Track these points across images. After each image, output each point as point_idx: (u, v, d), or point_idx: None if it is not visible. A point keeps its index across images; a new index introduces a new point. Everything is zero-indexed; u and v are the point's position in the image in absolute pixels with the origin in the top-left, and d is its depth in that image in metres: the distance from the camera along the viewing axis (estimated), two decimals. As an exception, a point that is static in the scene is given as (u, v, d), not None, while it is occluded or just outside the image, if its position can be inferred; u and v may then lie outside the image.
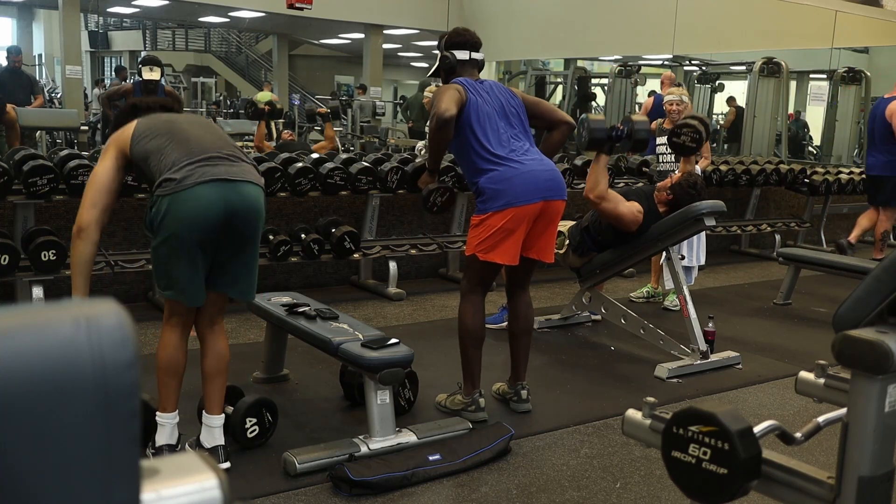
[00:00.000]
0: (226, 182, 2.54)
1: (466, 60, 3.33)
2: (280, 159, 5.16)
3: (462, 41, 3.34)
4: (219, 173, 2.53)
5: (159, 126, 2.64)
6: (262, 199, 2.66)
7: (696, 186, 4.33)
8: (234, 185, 2.56)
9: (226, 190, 2.53)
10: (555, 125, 3.48)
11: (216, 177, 2.52)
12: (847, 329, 1.58)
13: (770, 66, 10.44)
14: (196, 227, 2.50)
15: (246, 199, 2.58)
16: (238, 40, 25.10)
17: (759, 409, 3.62)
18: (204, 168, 2.52)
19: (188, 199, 2.48)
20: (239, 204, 2.56)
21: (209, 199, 2.50)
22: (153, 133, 2.61)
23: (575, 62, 15.00)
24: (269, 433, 2.98)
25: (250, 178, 2.63)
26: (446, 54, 3.33)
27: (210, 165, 2.54)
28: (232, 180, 2.56)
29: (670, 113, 5.35)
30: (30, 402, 0.57)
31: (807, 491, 1.62)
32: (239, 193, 2.56)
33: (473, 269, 3.27)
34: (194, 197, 2.48)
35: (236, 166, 2.61)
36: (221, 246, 2.63)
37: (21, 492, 0.57)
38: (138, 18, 23.29)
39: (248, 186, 2.60)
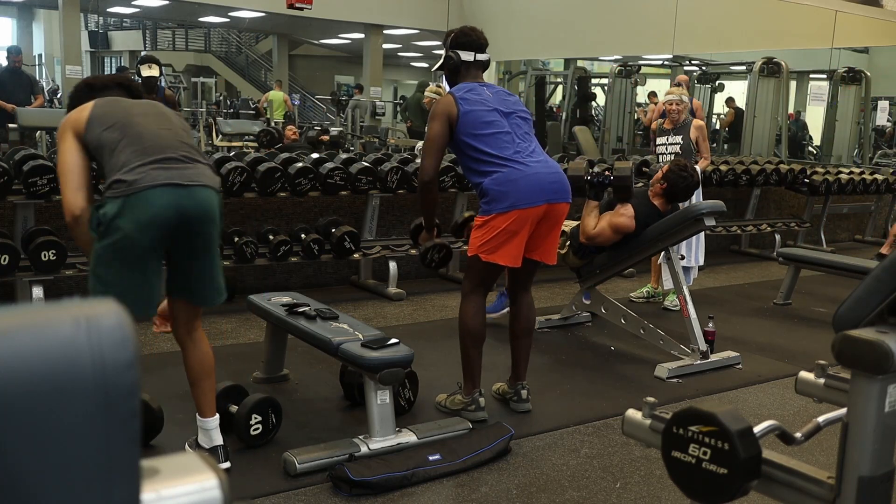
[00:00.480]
0: (178, 187, 2.43)
1: (471, 62, 3.32)
2: (280, 159, 5.16)
3: (468, 42, 3.31)
4: (172, 177, 2.43)
5: (115, 115, 2.53)
6: (216, 203, 2.54)
7: (688, 169, 4.39)
8: (188, 190, 2.45)
9: (178, 195, 2.42)
10: None
11: (169, 181, 2.42)
12: (847, 329, 1.58)
13: (770, 66, 10.45)
14: (146, 232, 2.40)
15: (200, 204, 2.47)
16: (238, 40, 25.11)
17: (759, 409, 3.62)
18: (157, 171, 2.42)
19: (139, 203, 2.37)
20: (192, 209, 2.45)
21: (161, 204, 2.39)
22: (108, 122, 2.50)
23: (575, 62, 15.00)
24: (271, 434, 2.98)
25: (204, 181, 2.51)
26: (451, 54, 3.31)
27: (163, 168, 2.43)
28: (185, 185, 2.45)
29: (670, 113, 5.35)
30: (30, 402, 0.57)
31: (807, 491, 1.62)
32: (192, 198, 2.46)
33: (475, 269, 3.26)
34: (145, 201, 2.38)
35: (190, 168, 2.50)
36: (175, 253, 2.54)
37: (21, 492, 0.57)
38: (138, 18, 23.30)
39: (202, 191, 2.48)
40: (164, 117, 2.64)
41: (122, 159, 2.43)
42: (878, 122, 12.77)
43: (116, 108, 2.55)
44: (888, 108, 13.10)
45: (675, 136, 5.32)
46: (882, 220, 8.91)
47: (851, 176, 7.94)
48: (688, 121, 5.33)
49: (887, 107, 12.89)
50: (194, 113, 14.61)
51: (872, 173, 8.43)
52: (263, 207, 5.28)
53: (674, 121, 5.36)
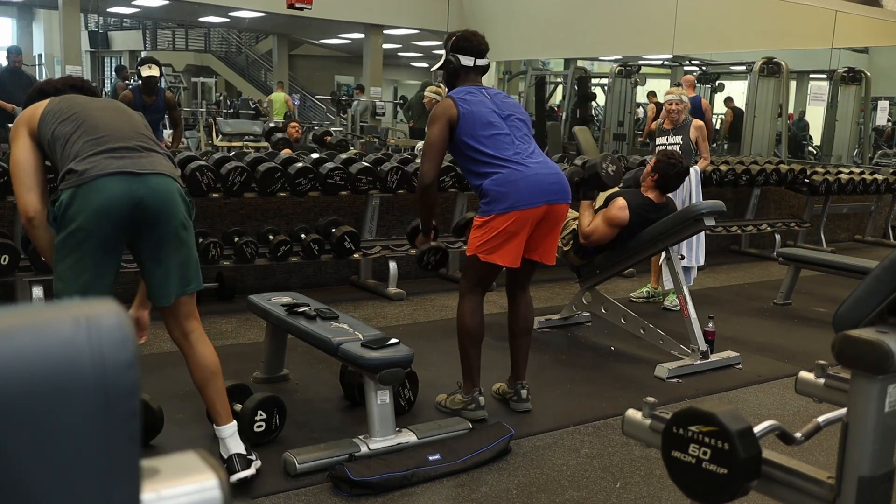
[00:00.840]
0: (131, 175, 2.33)
1: (470, 67, 3.32)
2: (280, 159, 5.16)
3: (468, 47, 3.31)
4: (124, 166, 2.34)
5: (70, 109, 2.45)
6: (174, 191, 2.42)
7: (675, 156, 4.42)
8: (142, 178, 2.34)
9: (131, 183, 2.32)
10: None
11: (120, 169, 2.32)
12: (847, 329, 1.58)
13: (770, 66, 10.45)
14: (98, 223, 2.30)
15: (155, 191, 2.36)
16: (238, 40, 25.10)
17: (759, 409, 3.62)
18: (108, 160, 2.33)
19: (89, 192, 2.28)
20: (147, 197, 2.34)
21: (112, 193, 2.30)
22: (62, 116, 2.43)
23: (575, 62, 15.00)
24: (273, 434, 2.97)
25: (162, 169, 2.41)
26: (450, 58, 3.31)
27: (115, 157, 2.34)
28: (139, 173, 2.34)
29: (670, 112, 5.35)
30: (30, 402, 0.57)
31: (807, 491, 1.62)
32: (147, 186, 2.35)
33: (473, 269, 3.27)
34: (96, 189, 2.28)
35: (145, 158, 2.40)
36: (137, 248, 2.45)
37: (21, 492, 0.57)
38: (138, 18, 23.30)
39: (157, 178, 2.37)
40: (122, 112, 2.57)
41: (75, 149, 2.36)
42: (878, 122, 12.77)
43: (73, 104, 2.48)
44: (888, 108, 13.10)
45: (675, 137, 5.33)
46: (882, 220, 8.91)
47: (851, 176, 7.94)
48: (688, 121, 5.33)
49: (887, 107, 12.89)
50: (194, 113, 14.62)
51: (872, 173, 8.43)
52: (263, 207, 5.28)
53: (673, 121, 5.36)
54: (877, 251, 7.91)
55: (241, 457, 2.60)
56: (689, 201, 5.21)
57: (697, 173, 5.32)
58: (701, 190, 5.35)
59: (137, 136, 2.46)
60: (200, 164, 4.64)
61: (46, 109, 2.47)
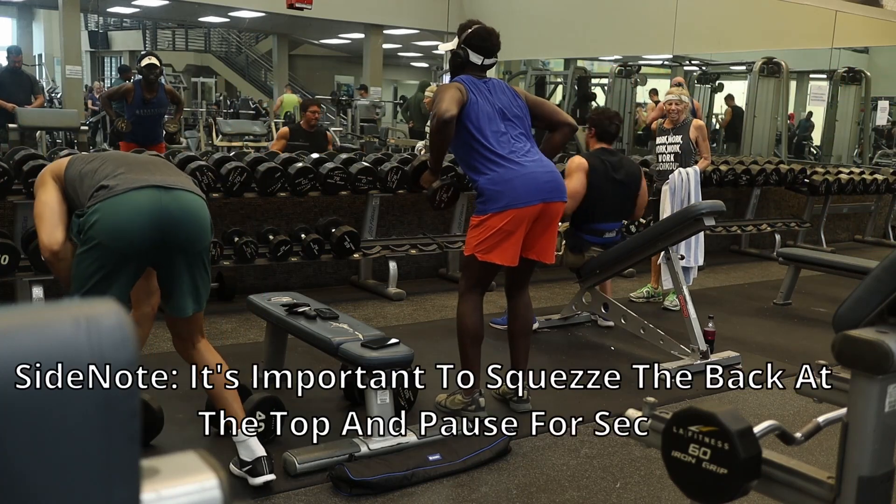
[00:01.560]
0: (159, 188, 2.40)
1: (478, 64, 3.32)
2: (280, 159, 5.16)
3: (481, 46, 3.30)
4: (152, 179, 2.41)
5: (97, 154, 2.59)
6: (202, 208, 2.49)
7: (609, 111, 4.71)
8: (169, 192, 2.42)
9: (159, 195, 2.39)
10: (556, 126, 3.47)
11: (149, 182, 2.39)
12: (847, 329, 1.58)
13: (770, 66, 10.44)
14: (124, 236, 2.35)
15: (183, 205, 2.43)
16: (238, 40, 25.10)
17: (759, 409, 3.62)
18: (138, 176, 2.41)
19: (117, 204, 2.34)
20: (175, 209, 2.41)
21: (139, 204, 2.36)
22: (89, 159, 2.54)
23: (575, 62, 15.00)
24: (271, 436, 2.94)
25: (189, 187, 2.49)
26: (459, 51, 3.31)
27: (146, 173, 2.44)
28: (167, 187, 2.42)
29: (670, 112, 5.35)
30: (30, 402, 0.57)
31: (807, 491, 1.62)
32: (175, 199, 2.42)
33: (472, 269, 3.27)
34: (124, 201, 2.34)
35: (173, 176, 2.51)
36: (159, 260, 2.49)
37: (21, 492, 0.57)
38: (138, 18, 23.30)
39: (185, 194, 2.45)
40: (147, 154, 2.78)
41: (104, 172, 2.43)
42: (878, 122, 12.76)
43: (99, 153, 2.64)
44: (888, 108, 13.10)
45: (675, 136, 5.32)
46: (882, 220, 8.91)
47: (851, 176, 7.93)
48: (688, 120, 5.32)
49: (887, 107, 12.89)
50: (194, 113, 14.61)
51: (872, 173, 8.43)
52: (263, 207, 5.28)
53: (673, 121, 5.36)
54: (877, 251, 7.91)
55: (267, 460, 2.59)
56: (688, 202, 5.20)
57: (697, 173, 5.30)
58: (700, 191, 5.33)
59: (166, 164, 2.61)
60: (200, 164, 4.64)
61: (72, 159, 2.58)
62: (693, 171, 5.25)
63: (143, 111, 6.45)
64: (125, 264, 2.39)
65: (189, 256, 2.48)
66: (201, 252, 2.51)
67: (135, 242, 2.36)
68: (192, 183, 2.57)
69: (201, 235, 2.48)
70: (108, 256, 2.36)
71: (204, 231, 2.49)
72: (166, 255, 2.46)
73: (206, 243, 2.52)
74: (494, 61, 3.38)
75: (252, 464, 2.58)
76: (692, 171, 5.24)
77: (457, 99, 3.12)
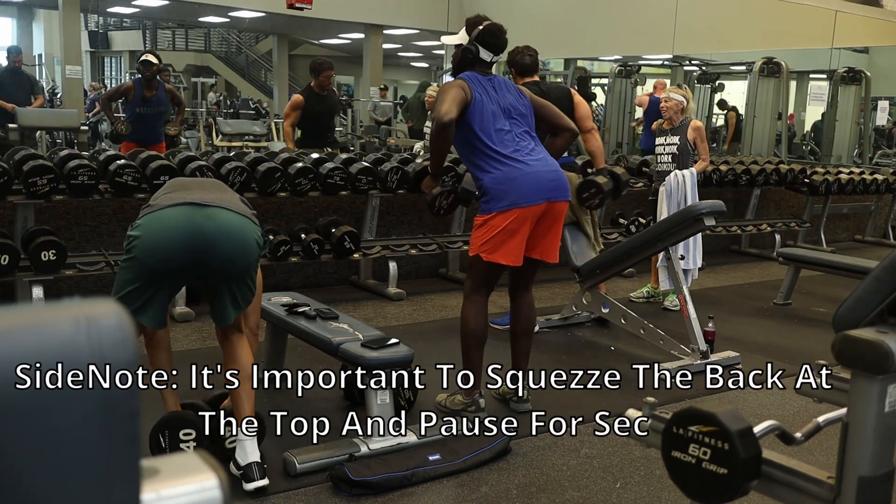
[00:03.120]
0: (194, 206, 2.42)
1: (487, 61, 3.31)
2: (280, 159, 5.16)
3: (492, 43, 3.29)
4: (190, 197, 2.45)
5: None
6: (241, 226, 2.48)
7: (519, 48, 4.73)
8: (204, 209, 2.42)
9: (192, 212, 2.41)
10: (558, 131, 3.46)
11: (185, 200, 2.43)
12: (847, 329, 1.58)
13: (770, 66, 10.44)
14: (156, 254, 2.39)
15: (219, 223, 2.43)
16: (238, 40, 25.10)
17: (759, 409, 3.62)
18: (180, 193, 2.47)
19: (153, 222, 2.40)
20: (208, 228, 2.41)
21: (172, 222, 2.39)
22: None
23: (575, 62, 14.99)
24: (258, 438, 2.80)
25: (230, 206, 2.49)
26: (470, 47, 3.30)
27: (187, 191, 2.48)
28: (202, 204, 2.43)
29: (663, 111, 5.38)
30: (30, 402, 0.57)
31: (807, 491, 1.62)
32: (209, 217, 2.42)
33: (478, 269, 3.26)
34: (159, 219, 2.40)
35: (214, 194, 2.51)
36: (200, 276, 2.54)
37: (21, 492, 0.57)
38: (138, 18, 23.30)
39: (222, 212, 2.45)
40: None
41: (160, 192, 2.57)
42: (878, 122, 12.76)
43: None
44: (888, 108, 13.10)
45: (673, 137, 5.32)
46: (882, 220, 8.91)
47: (851, 176, 7.93)
48: (686, 121, 5.32)
49: (887, 107, 12.88)
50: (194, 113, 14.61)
51: (872, 173, 8.43)
52: (263, 207, 5.28)
53: (667, 118, 5.37)
54: (877, 251, 7.91)
55: (259, 466, 2.58)
56: (685, 204, 5.17)
57: (694, 175, 5.24)
58: (697, 192, 5.29)
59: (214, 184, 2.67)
60: (200, 164, 4.64)
61: None
62: (690, 173, 5.22)
63: (143, 109, 6.46)
64: (160, 280, 2.44)
65: (228, 275, 2.50)
66: (241, 271, 2.52)
67: (167, 260, 2.40)
68: (237, 201, 2.56)
69: (240, 253, 2.48)
70: (142, 270, 2.42)
71: (243, 249, 2.48)
72: (206, 272, 2.49)
73: (248, 261, 2.51)
74: (499, 58, 3.39)
75: (244, 469, 2.57)
76: (688, 172, 5.22)
77: (459, 100, 3.10)
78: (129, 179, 4.41)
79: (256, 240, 2.53)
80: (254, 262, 2.55)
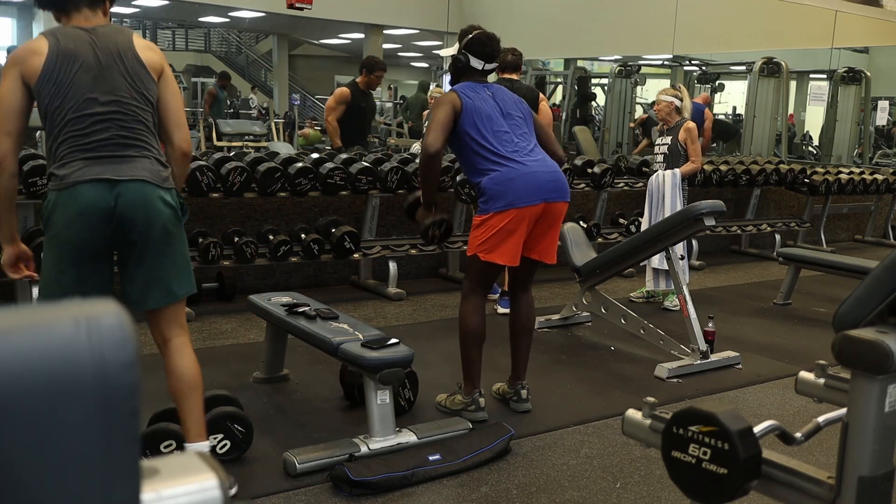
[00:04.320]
0: (107, 182, 2.27)
1: (478, 69, 3.33)
2: (280, 159, 5.16)
3: (481, 52, 3.30)
4: (102, 172, 2.27)
5: (65, 78, 2.28)
6: (154, 196, 2.31)
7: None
8: (119, 185, 2.28)
9: (106, 190, 2.26)
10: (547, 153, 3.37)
11: (98, 176, 2.26)
12: (847, 329, 1.59)
13: (770, 66, 10.44)
14: (74, 231, 2.26)
15: (132, 198, 2.28)
16: (238, 40, 25.11)
17: (759, 409, 3.62)
18: (88, 167, 2.26)
19: (66, 199, 2.25)
20: (123, 205, 2.28)
21: (86, 200, 2.25)
22: (57, 88, 2.28)
23: (575, 62, 14.99)
24: (243, 444, 2.81)
25: (141, 175, 2.31)
26: (460, 56, 3.32)
27: (95, 163, 2.27)
28: (116, 180, 2.28)
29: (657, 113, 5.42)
30: (30, 402, 0.57)
31: (807, 491, 1.62)
32: (123, 193, 2.28)
33: (475, 269, 3.27)
34: (72, 196, 2.25)
35: (127, 163, 2.31)
36: (119, 254, 2.38)
37: (21, 492, 0.57)
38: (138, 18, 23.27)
39: (136, 185, 2.29)
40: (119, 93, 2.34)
41: (60, 152, 2.30)
42: (878, 122, 12.76)
43: (70, 67, 2.29)
44: (888, 108, 13.10)
45: (667, 138, 5.31)
46: (882, 220, 8.91)
47: (851, 176, 7.93)
48: (681, 122, 5.30)
49: (887, 107, 12.88)
50: (194, 113, 14.60)
51: (872, 173, 8.43)
52: (263, 207, 5.28)
53: (661, 120, 5.38)
54: (877, 251, 7.91)
55: None
56: (662, 205, 5.14)
57: (676, 177, 5.15)
58: (679, 194, 5.18)
59: (125, 135, 2.33)
60: (200, 164, 4.65)
61: (46, 65, 2.28)
62: (672, 174, 5.17)
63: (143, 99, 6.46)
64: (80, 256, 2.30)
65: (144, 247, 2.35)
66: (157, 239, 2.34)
67: (84, 236, 2.28)
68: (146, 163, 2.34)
69: (151, 223, 2.32)
70: (62, 247, 2.30)
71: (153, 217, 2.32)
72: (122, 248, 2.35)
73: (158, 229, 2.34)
74: (495, 66, 3.39)
75: None
76: (671, 173, 5.18)
77: (445, 124, 3.12)
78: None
79: (167, 202, 2.35)
80: (168, 227, 2.36)
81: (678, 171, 5.19)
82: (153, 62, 2.42)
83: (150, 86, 2.40)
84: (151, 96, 2.40)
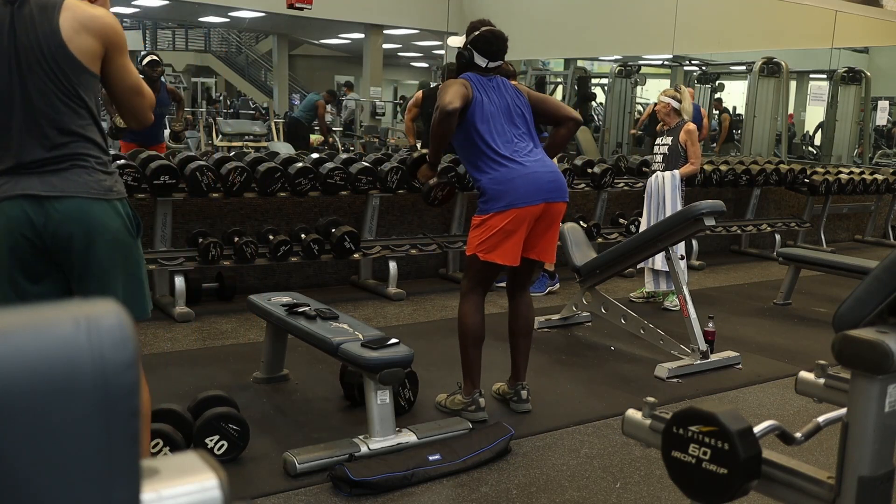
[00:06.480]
0: (34, 199, 2.01)
1: (482, 67, 3.32)
2: (280, 159, 5.16)
3: (486, 50, 3.30)
4: (29, 187, 2.02)
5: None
6: (93, 213, 2.04)
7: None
8: (47, 202, 2.02)
9: (33, 207, 2.01)
10: (561, 121, 3.48)
11: (24, 191, 2.01)
12: (847, 329, 1.59)
13: (770, 66, 10.45)
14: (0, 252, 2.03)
15: (64, 217, 2.02)
16: (238, 40, 25.11)
17: (759, 409, 3.62)
18: (13, 181, 2.03)
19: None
20: (51, 224, 2.02)
21: (9, 219, 2.01)
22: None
23: (575, 62, 15.00)
24: (241, 443, 2.81)
25: (75, 191, 2.04)
26: (464, 52, 3.32)
27: (21, 177, 2.03)
28: (44, 196, 2.01)
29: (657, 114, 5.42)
30: (30, 402, 0.57)
31: (807, 491, 1.62)
32: (51, 212, 2.02)
33: (474, 269, 3.27)
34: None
35: (58, 176, 2.04)
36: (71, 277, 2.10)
37: (21, 492, 0.57)
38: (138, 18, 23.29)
39: (68, 202, 2.03)
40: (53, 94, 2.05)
41: None
42: (878, 122, 12.77)
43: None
44: (888, 108, 13.10)
45: (667, 138, 5.32)
46: (882, 220, 8.92)
47: (851, 176, 7.94)
48: (681, 123, 5.31)
49: (887, 107, 12.89)
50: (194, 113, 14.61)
51: (872, 173, 8.43)
52: (263, 207, 5.28)
53: (661, 121, 5.39)
54: (877, 251, 7.91)
55: None
56: (663, 206, 5.15)
57: (675, 178, 5.15)
58: (679, 195, 5.19)
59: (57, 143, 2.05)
60: (200, 164, 4.65)
61: None
62: (671, 176, 5.17)
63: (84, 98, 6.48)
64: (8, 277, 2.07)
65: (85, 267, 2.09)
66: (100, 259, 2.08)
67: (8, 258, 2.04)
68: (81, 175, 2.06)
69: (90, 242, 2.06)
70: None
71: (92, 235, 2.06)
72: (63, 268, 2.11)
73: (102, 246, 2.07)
74: (500, 64, 3.38)
75: None
76: (670, 175, 5.19)
77: (461, 94, 3.13)
78: (129, 179, 4.41)
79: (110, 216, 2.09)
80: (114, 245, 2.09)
81: (677, 172, 5.20)
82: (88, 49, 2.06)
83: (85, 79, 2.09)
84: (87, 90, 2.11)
